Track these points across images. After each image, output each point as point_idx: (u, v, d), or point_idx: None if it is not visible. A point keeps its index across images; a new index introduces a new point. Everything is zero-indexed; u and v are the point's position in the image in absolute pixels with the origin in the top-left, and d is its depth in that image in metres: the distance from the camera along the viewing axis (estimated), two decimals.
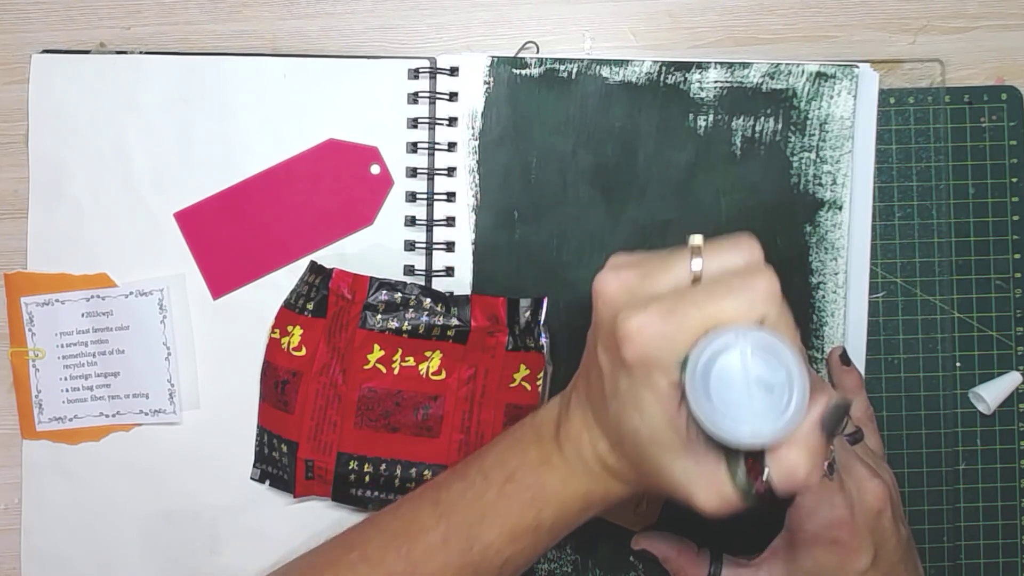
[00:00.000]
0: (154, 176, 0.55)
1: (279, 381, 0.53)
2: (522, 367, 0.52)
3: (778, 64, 0.54)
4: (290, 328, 0.53)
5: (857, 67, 0.54)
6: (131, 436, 0.55)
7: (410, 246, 0.54)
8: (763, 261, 0.36)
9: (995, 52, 0.56)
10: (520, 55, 0.55)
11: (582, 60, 0.54)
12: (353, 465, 0.52)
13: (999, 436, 0.56)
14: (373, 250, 0.55)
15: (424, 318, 0.52)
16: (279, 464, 0.53)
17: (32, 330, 0.55)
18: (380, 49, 0.56)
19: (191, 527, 0.55)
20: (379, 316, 0.52)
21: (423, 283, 0.54)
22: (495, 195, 0.54)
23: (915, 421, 0.55)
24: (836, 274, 0.54)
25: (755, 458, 0.35)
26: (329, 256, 0.54)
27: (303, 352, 0.52)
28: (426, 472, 0.52)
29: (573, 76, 0.54)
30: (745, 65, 0.54)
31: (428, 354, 0.52)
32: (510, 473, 0.41)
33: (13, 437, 0.55)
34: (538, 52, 0.56)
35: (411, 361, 0.52)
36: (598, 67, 0.54)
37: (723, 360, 0.34)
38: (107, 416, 0.55)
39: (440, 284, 0.54)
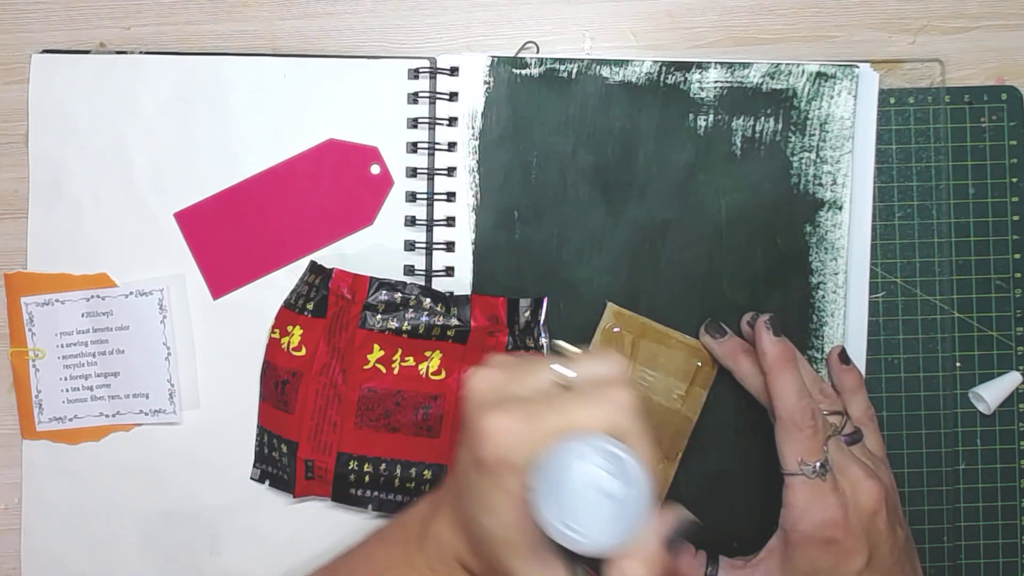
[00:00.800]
0: (154, 176, 0.55)
1: (279, 381, 0.53)
2: None
3: (778, 64, 0.54)
4: (290, 328, 0.53)
5: (857, 67, 0.54)
6: (131, 436, 0.55)
7: (410, 246, 0.54)
8: (626, 378, 0.36)
9: (995, 52, 0.56)
10: (520, 55, 0.55)
11: (582, 60, 0.54)
12: (353, 465, 0.52)
13: (999, 436, 0.56)
14: (373, 250, 0.55)
15: (424, 318, 0.52)
16: (279, 464, 0.53)
17: (32, 330, 0.55)
18: (380, 49, 0.56)
19: (191, 527, 0.55)
20: (379, 316, 0.52)
21: (423, 283, 0.54)
22: (495, 195, 0.54)
23: (915, 421, 0.55)
24: (836, 274, 0.54)
25: (595, 567, 0.35)
26: (329, 256, 0.54)
27: (303, 352, 0.52)
28: (426, 472, 0.52)
29: (573, 76, 0.54)
30: (745, 65, 0.54)
31: (428, 354, 0.52)
32: (376, 573, 0.41)
33: (13, 437, 0.55)
34: (538, 52, 0.56)
35: (411, 361, 0.52)
36: (598, 67, 0.54)
37: (573, 467, 0.34)
38: (107, 416, 0.55)
39: (440, 284, 0.54)
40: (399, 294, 0.52)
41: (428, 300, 0.52)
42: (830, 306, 0.54)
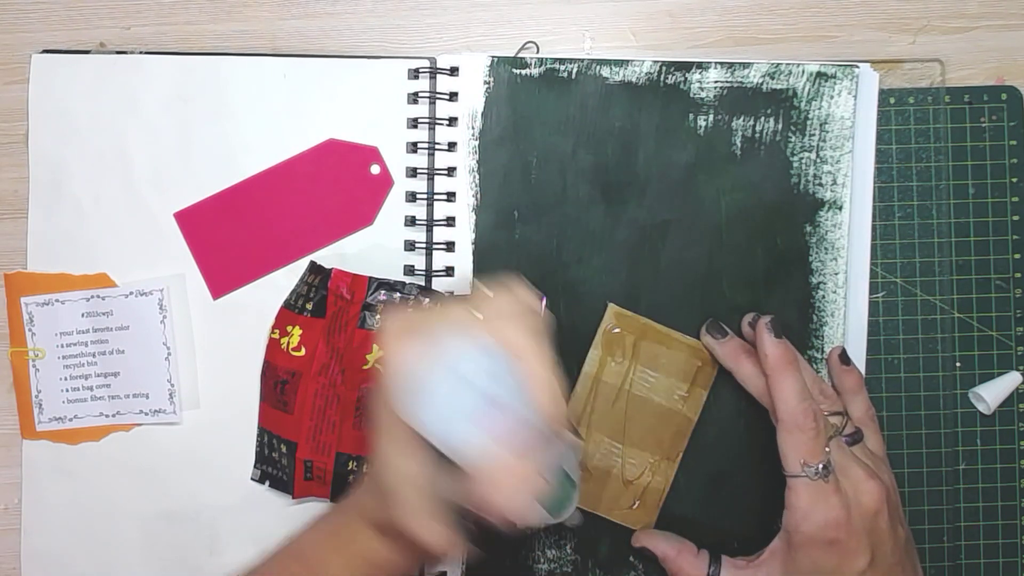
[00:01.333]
0: (154, 176, 0.55)
1: (278, 381, 0.53)
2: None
3: (778, 64, 0.54)
4: (289, 328, 0.53)
5: (857, 67, 0.54)
6: (131, 436, 0.55)
7: (410, 246, 0.54)
8: (532, 307, 0.40)
9: (995, 52, 0.56)
10: (520, 55, 0.55)
11: (582, 60, 0.54)
12: (352, 465, 0.52)
13: (999, 436, 0.56)
14: (373, 250, 0.55)
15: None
16: (279, 465, 0.53)
17: (32, 330, 0.55)
18: (380, 49, 0.56)
19: (191, 527, 0.55)
20: (378, 316, 0.52)
21: (422, 283, 0.54)
22: (495, 195, 0.54)
23: (915, 421, 0.55)
24: (836, 274, 0.54)
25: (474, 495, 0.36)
26: (329, 256, 0.54)
27: (302, 352, 0.52)
28: None
29: (573, 76, 0.54)
30: (745, 65, 0.54)
31: None
32: (301, 551, 0.43)
33: (13, 437, 0.55)
34: (538, 52, 0.56)
35: None
36: (598, 67, 0.54)
37: (447, 369, 0.34)
38: (107, 416, 0.55)
39: (440, 284, 0.54)
40: (398, 294, 0.52)
41: (427, 300, 0.52)
42: (830, 306, 0.54)
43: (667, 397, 0.54)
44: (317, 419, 0.52)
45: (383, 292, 0.52)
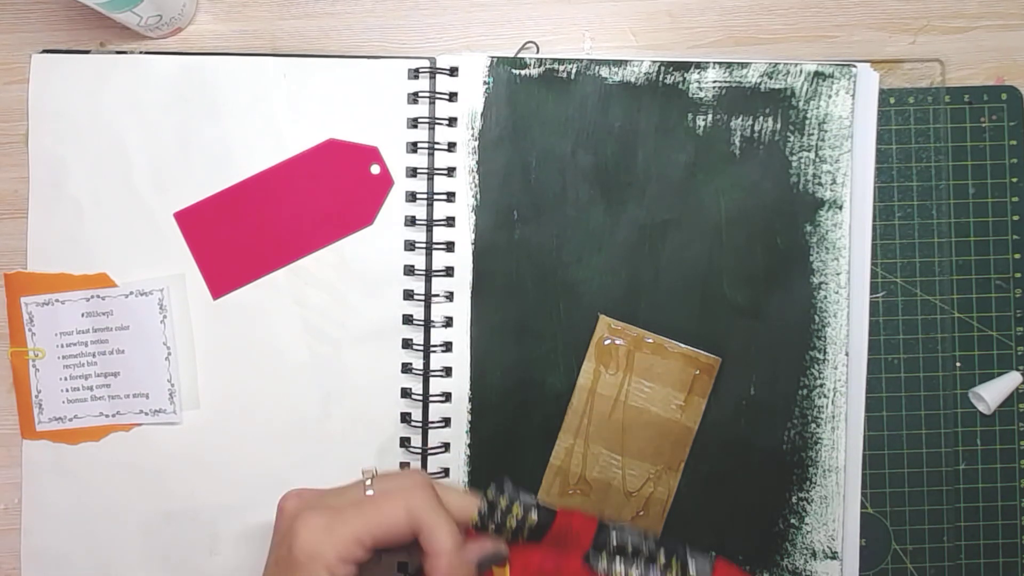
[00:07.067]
0: (154, 176, 0.55)
1: None
2: None
3: (776, 64, 0.54)
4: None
5: (855, 67, 0.54)
6: (131, 436, 0.55)
7: (410, 246, 0.54)
8: (423, 481, 0.44)
9: (995, 52, 0.56)
10: (520, 55, 0.55)
11: (581, 60, 0.54)
12: None
13: (999, 436, 0.56)
14: (373, 250, 0.55)
15: (656, 573, 0.45)
16: None
17: (32, 330, 0.55)
18: (380, 49, 0.56)
19: (191, 527, 0.55)
20: (603, 560, 0.45)
21: (644, 533, 0.47)
22: (495, 195, 0.54)
23: (915, 421, 0.55)
24: (838, 274, 0.54)
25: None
26: (329, 256, 0.54)
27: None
28: None
29: (572, 76, 0.54)
30: (743, 65, 0.54)
31: None
32: None
33: (13, 437, 0.55)
34: (538, 52, 0.56)
35: None
36: (597, 67, 0.54)
37: None
38: (107, 416, 0.55)
39: (440, 284, 0.54)
40: (630, 537, 0.46)
41: (662, 552, 0.46)
42: (832, 306, 0.54)
43: (664, 407, 0.53)
44: None
45: (614, 535, 0.46)
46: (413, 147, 0.54)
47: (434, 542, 0.42)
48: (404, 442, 0.54)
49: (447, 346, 0.54)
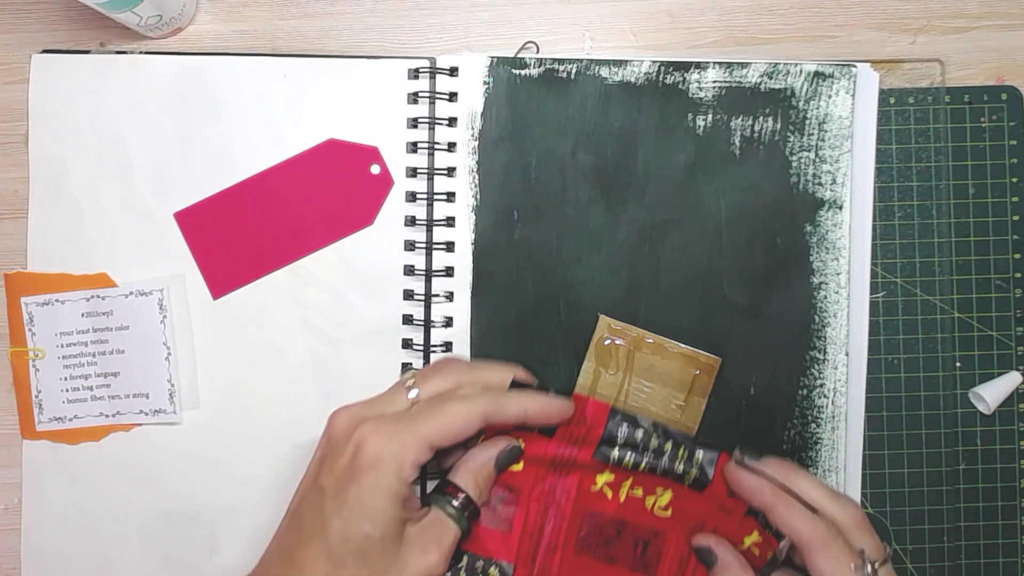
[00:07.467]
0: (154, 176, 0.55)
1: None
2: (755, 533, 0.48)
3: (776, 64, 0.54)
4: (659, 489, 0.49)
5: (855, 67, 0.54)
6: (131, 436, 0.55)
7: (410, 246, 0.54)
8: (472, 379, 0.47)
9: (995, 52, 0.56)
10: (520, 55, 0.55)
11: (581, 60, 0.54)
12: None
13: (999, 436, 0.56)
14: (373, 250, 0.55)
15: (664, 462, 0.48)
16: None
17: (32, 330, 0.55)
18: (380, 49, 0.56)
19: (191, 527, 0.55)
20: (615, 451, 0.48)
21: (655, 423, 0.49)
22: (495, 195, 0.54)
23: (915, 421, 0.55)
24: (838, 274, 0.54)
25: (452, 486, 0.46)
26: (329, 256, 0.54)
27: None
28: None
29: (572, 76, 0.54)
30: (743, 65, 0.54)
31: (659, 490, 0.49)
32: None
33: (13, 437, 0.55)
34: (538, 52, 0.56)
35: (639, 492, 0.49)
36: (597, 67, 0.54)
37: None
38: (107, 416, 0.55)
39: (440, 284, 0.54)
40: (640, 431, 0.48)
41: (670, 444, 0.48)
42: (832, 306, 0.54)
43: (664, 407, 0.53)
44: (536, 540, 0.49)
45: (625, 426, 0.48)
46: (413, 147, 0.54)
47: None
48: None
49: (447, 346, 0.54)
